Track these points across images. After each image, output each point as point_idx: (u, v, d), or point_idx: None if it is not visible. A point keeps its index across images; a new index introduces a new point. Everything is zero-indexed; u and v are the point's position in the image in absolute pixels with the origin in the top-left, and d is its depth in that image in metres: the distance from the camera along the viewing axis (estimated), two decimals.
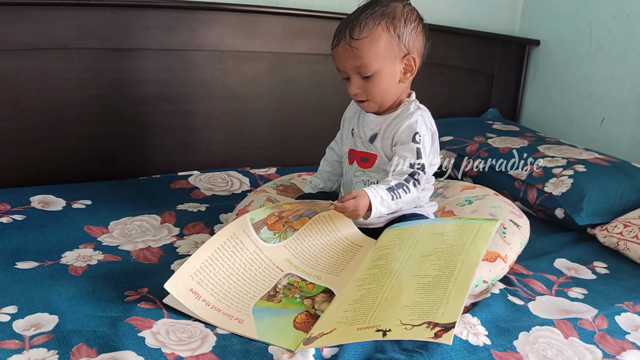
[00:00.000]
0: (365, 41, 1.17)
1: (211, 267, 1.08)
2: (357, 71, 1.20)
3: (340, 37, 1.19)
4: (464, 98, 2.33)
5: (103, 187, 1.65)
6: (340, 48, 1.19)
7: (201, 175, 1.79)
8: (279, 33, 1.89)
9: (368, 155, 1.28)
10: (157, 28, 1.71)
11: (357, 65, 1.19)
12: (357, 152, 1.30)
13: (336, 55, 1.21)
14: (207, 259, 1.08)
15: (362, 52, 1.18)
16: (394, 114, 1.26)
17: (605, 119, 2.12)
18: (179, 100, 1.80)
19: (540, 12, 2.35)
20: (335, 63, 1.24)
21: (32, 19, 1.55)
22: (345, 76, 1.24)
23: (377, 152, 1.26)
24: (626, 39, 2.03)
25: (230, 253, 1.11)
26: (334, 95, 2.01)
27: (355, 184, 1.30)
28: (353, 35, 1.17)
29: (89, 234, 1.35)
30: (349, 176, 1.32)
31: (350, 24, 1.18)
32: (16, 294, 1.07)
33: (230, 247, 1.12)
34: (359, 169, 1.29)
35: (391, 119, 1.26)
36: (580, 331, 1.08)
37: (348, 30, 1.18)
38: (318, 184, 1.45)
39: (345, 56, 1.19)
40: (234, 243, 1.12)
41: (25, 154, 1.64)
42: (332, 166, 1.44)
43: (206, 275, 1.07)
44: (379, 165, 1.27)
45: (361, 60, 1.18)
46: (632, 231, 1.44)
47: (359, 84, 1.21)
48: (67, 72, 1.63)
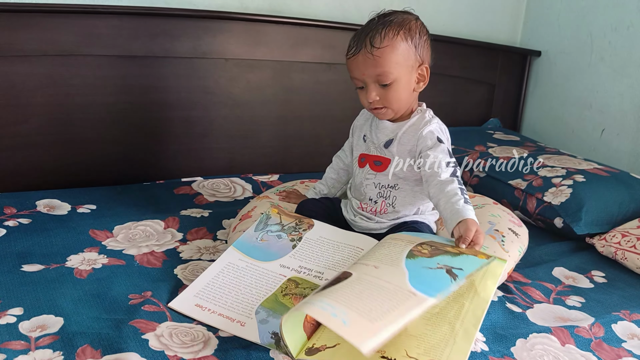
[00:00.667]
0: (386, 49, 1.20)
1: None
2: (377, 79, 1.23)
3: (360, 46, 1.22)
4: (466, 107, 2.35)
5: (108, 192, 1.67)
6: (360, 56, 1.22)
7: (204, 181, 1.81)
8: (282, 42, 1.91)
9: (382, 159, 1.31)
10: (163, 36, 1.74)
11: (377, 73, 1.21)
12: (370, 156, 1.33)
13: (355, 64, 1.24)
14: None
15: (383, 60, 1.20)
16: (410, 122, 1.29)
17: (605, 130, 2.14)
18: (183, 107, 1.82)
19: (541, 24, 2.38)
20: (351, 72, 1.25)
21: (39, 26, 1.58)
22: (359, 85, 1.26)
23: (390, 157, 1.30)
24: (626, 51, 2.05)
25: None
26: (336, 104, 2.03)
27: (366, 186, 1.32)
28: (374, 44, 1.20)
29: (93, 238, 1.37)
30: (359, 179, 1.35)
31: (370, 34, 1.21)
32: (22, 296, 1.09)
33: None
34: (371, 172, 1.32)
35: (408, 126, 1.29)
36: (577, 339, 1.09)
37: (369, 39, 1.20)
38: (322, 189, 1.48)
39: (366, 64, 1.21)
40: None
41: (32, 158, 1.67)
42: (337, 174, 1.47)
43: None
44: (390, 169, 1.30)
45: (382, 68, 1.21)
46: (630, 241, 1.46)
47: (377, 92, 1.24)
48: (73, 78, 1.66)
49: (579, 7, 2.21)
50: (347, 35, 1.97)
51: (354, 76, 1.25)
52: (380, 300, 0.90)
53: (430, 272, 0.99)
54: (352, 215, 1.36)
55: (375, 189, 1.31)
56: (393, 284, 0.94)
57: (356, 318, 0.85)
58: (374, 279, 0.97)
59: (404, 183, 1.30)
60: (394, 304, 0.89)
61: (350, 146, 1.44)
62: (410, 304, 0.89)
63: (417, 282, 0.95)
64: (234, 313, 1.06)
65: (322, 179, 1.50)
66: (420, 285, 0.94)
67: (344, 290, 0.93)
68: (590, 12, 2.17)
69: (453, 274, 0.99)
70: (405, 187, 1.30)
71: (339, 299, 0.90)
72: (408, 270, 0.99)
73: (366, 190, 1.33)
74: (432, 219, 1.36)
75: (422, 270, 1.00)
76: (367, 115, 1.38)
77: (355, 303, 0.89)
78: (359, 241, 1.23)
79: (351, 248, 1.20)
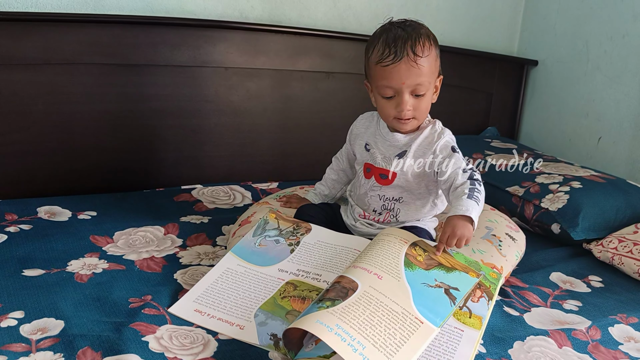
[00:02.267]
0: (427, 59, 1.20)
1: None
2: (414, 89, 1.21)
3: (401, 54, 1.18)
4: (463, 116, 2.37)
5: (108, 199, 1.68)
6: (403, 65, 1.18)
7: (204, 188, 1.82)
8: (282, 51, 1.93)
9: (387, 172, 1.30)
10: (164, 44, 1.76)
11: (418, 82, 1.20)
12: (376, 168, 1.32)
13: (395, 72, 1.19)
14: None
15: (425, 69, 1.20)
16: (424, 134, 1.28)
17: (602, 138, 2.16)
18: (183, 115, 1.84)
19: (538, 33, 2.40)
20: (386, 79, 1.21)
21: (41, 35, 1.60)
22: (390, 94, 1.22)
23: (398, 171, 1.28)
24: (622, 60, 2.07)
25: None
26: (335, 112, 2.05)
27: (370, 197, 1.33)
28: (417, 52, 1.18)
29: (94, 244, 1.38)
30: (364, 189, 1.34)
31: (409, 42, 1.19)
32: (23, 300, 1.10)
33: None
34: (376, 185, 1.32)
35: (422, 138, 1.28)
36: (574, 341, 1.10)
37: (410, 48, 1.18)
38: (323, 190, 1.49)
39: (409, 73, 1.19)
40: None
41: (33, 166, 1.68)
42: (337, 174, 1.48)
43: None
44: (396, 183, 1.30)
45: (422, 77, 1.20)
46: (627, 246, 1.47)
47: (411, 102, 1.22)
48: (75, 86, 1.68)
49: (574, 17, 2.24)
50: (346, 45, 2.02)
51: (389, 84, 1.21)
52: (392, 328, 0.94)
53: (431, 291, 1.04)
54: (352, 220, 1.37)
55: (380, 201, 1.32)
56: (400, 306, 0.99)
57: (375, 354, 0.89)
58: (380, 295, 1.00)
59: (409, 196, 1.30)
60: (405, 333, 0.94)
61: (347, 153, 1.45)
62: (419, 335, 0.95)
63: (420, 304, 1.00)
64: (233, 317, 1.07)
65: (322, 180, 1.50)
66: (425, 310, 0.99)
67: (354, 311, 0.95)
68: (586, 22, 2.19)
69: (451, 295, 1.04)
70: (409, 200, 1.31)
71: (351, 323, 0.93)
72: (410, 287, 1.03)
73: (370, 202, 1.33)
74: (432, 225, 1.37)
75: (422, 289, 1.04)
76: (368, 123, 1.38)
77: (369, 331, 0.92)
78: (355, 243, 1.24)
79: (348, 250, 1.21)
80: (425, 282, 1.05)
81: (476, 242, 1.33)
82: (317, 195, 1.49)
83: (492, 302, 1.05)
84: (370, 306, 0.97)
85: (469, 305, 1.04)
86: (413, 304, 1.00)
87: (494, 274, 1.12)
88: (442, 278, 1.07)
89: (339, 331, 0.90)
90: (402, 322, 0.96)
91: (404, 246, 1.13)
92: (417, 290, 1.03)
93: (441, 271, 1.08)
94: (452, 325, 0.99)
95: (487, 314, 1.02)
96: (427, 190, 1.31)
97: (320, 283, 1.12)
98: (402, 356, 0.91)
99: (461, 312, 1.02)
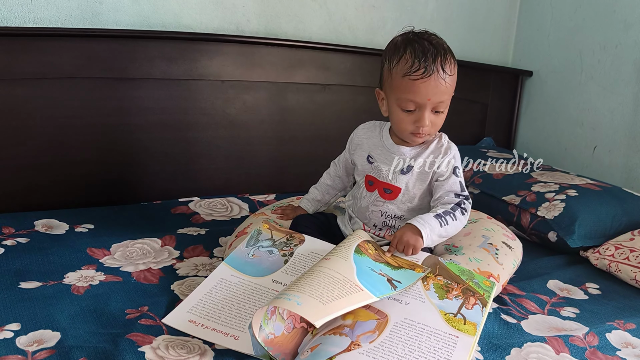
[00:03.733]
0: (453, 78, 1.20)
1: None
2: (437, 105, 1.20)
3: (432, 69, 1.17)
4: (459, 127, 2.38)
5: (105, 212, 1.68)
6: (432, 81, 1.17)
7: (201, 201, 1.82)
8: (278, 63, 1.95)
9: (392, 187, 1.29)
10: (160, 58, 1.77)
11: (442, 99, 1.20)
12: (380, 182, 1.30)
13: (424, 87, 1.17)
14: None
15: (450, 87, 1.20)
16: (430, 149, 1.28)
17: (597, 147, 2.17)
18: (180, 128, 1.85)
19: (532, 44, 2.42)
20: (412, 93, 1.19)
21: (39, 50, 1.61)
22: (411, 108, 1.21)
23: (402, 186, 1.28)
24: (615, 69, 2.09)
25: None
26: (331, 124, 2.06)
27: (372, 212, 1.32)
28: (446, 70, 1.18)
29: (91, 256, 1.38)
30: (366, 203, 1.32)
31: (440, 59, 1.17)
32: (19, 312, 1.09)
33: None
34: (380, 199, 1.31)
35: (428, 152, 1.28)
36: (572, 347, 1.10)
37: (440, 65, 1.17)
38: (316, 195, 1.49)
39: (437, 90, 1.18)
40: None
41: (30, 180, 1.68)
42: (333, 180, 1.48)
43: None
44: (400, 198, 1.29)
45: (446, 95, 1.20)
46: (624, 253, 1.47)
47: (431, 118, 1.22)
48: (72, 100, 1.69)
49: (568, 28, 2.26)
50: (341, 57, 2.04)
51: (414, 99, 1.19)
52: (331, 287, 1.01)
53: (374, 275, 1.10)
54: (350, 231, 1.36)
55: (381, 217, 1.31)
56: (342, 275, 1.05)
57: (308, 299, 0.96)
58: (325, 269, 1.06)
59: (410, 214, 1.29)
60: (342, 292, 1.00)
61: (345, 161, 1.44)
62: (357, 297, 1.01)
63: (363, 279, 1.06)
64: (227, 327, 1.06)
65: (317, 184, 1.50)
66: (366, 283, 1.05)
67: (299, 281, 1.03)
68: (579, 32, 2.21)
69: (393, 284, 1.09)
70: (411, 218, 1.29)
71: (293, 288, 1.00)
72: (356, 265, 1.09)
73: (371, 216, 1.32)
74: None
75: (367, 270, 1.10)
76: (370, 133, 1.35)
77: (307, 289, 0.99)
78: None
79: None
80: (370, 267, 1.11)
81: (472, 251, 1.33)
82: (309, 202, 1.49)
83: (486, 309, 1.05)
84: (313, 275, 1.03)
85: (463, 312, 1.04)
86: (356, 276, 1.06)
87: (488, 282, 1.12)
88: (387, 272, 1.12)
89: (281, 295, 0.98)
90: (342, 285, 1.02)
91: (358, 240, 1.18)
92: (362, 270, 1.08)
93: (387, 267, 1.14)
94: (447, 332, 0.99)
95: (482, 321, 1.02)
96: (430, 207, 1.30)
97: None
98: (338, 305, 0.96)
99: (455, 318, 1.02)
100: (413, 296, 1.07)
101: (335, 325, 1.00)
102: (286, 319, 1.03)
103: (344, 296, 0.99)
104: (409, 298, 1.06)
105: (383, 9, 2.16)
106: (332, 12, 2.08)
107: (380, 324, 1.00)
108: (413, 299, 1.06)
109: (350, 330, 0.98)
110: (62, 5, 1.68)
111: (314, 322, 0.92)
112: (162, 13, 1.81)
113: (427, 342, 0.97)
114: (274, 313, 1.00)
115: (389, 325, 0.99)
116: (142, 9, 1.78)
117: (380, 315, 1.01)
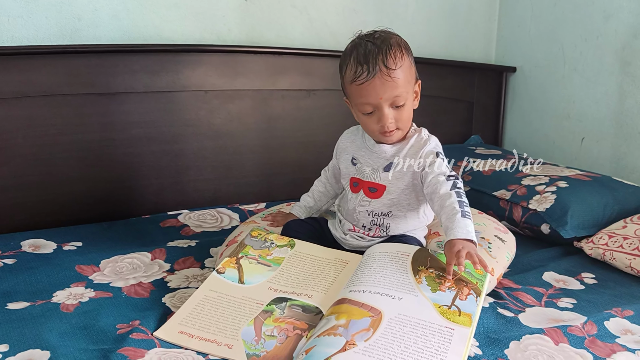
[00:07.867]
0: (401, 70, 1.19)
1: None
2: (393, 101, 1.20)
3: (374, 69, 1.17)
4: (446, 126, 2.38)
5: (93, 229, 1.66)
6: (377, 80, 1.17)
7: (191, 213, 1.80)
8: (261, 71, 1.94)
9: (376, 185, 1.28)
10: (142, 71, 1.76)
11: (395, 94, 1.19)
12: (364, 182, 1.30)
13: (371, 88, 1.18)
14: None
15: (400, 80, 1.19)
16: (410, 143, 1.27)
17: (585, 138, 2.17)
18: (166, 140, 1.83)
19: (514, 40, 2.43)
20: (364, 97, 1.20)
21: (17, 68, 1.59)
22: (369, 110, 1.22)
23: (387, 184, 1.27)
24: (597, 60, 2.09)
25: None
26: (318, 129, 2.05)
27: (359, 213, 1.31)
28: (389, 65, 1.17)
29: (80, 273, 1.35)
30: (352, 204, 1.32)
31: (380, 57, 1.17)
32: (7, 333, 1.07)
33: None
34: (365, 199, 1.30)
35: (408, 148, 1.27)
36: (570, 337, 1.09)
37: (382, 62, 1.17)
38: (308, 202, 1.47)
39: (385, 87, 1.18)
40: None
41: (15, 200, 1.66)
42: (325, 187, 1.47)
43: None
44: (386, 195, 1.28)
45: (399, 89, 1.19)
46: (617, 241, 1.47)
47: (392, 114, 1.21)
48: (55, 118, 1.67)
49: (548, 22, 2.27)
50: (324, 62, 2.03)
51: (367, 101, 1.20)
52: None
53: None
54: (342, 234, 1.35)
55: (369, 216, 1.30)
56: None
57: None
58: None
59: (397, 210, 1.29)
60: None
61: (333, 167, 1.44)
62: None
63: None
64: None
65: (309, 192, 1.49)
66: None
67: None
68: (560, 26, 2.22)
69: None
70: (399, 213, 1.29)
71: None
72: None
73: (359, 217, 1.31)
74: (422, 234, 1.36)
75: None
76: (353, 137, 1.36)
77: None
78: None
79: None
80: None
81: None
82: (302, 208, 1.47)
83: (480, 299, 1.03)
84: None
85: (457, 304, 1.02)
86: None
87: (480, 270, 1.10)
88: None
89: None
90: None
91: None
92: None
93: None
94: (442, 324, 0.98)
95: (477, 311, 1.01)
96: (417, 200, 1.30)
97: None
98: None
99: (450, 311, 1.01)
100: (406, 291, 1.05)
101: (329, 325, 0.98)
102: (277, 334, 1.02)
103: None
104: (401, 293, 1.04)
105: (364, 12, 2.16)
106: (313, 18, 2.07)
107: (375, 321, 0.98)
108: (406, 294, 1.04)
109: (345, 330, 0.96)
110: (40, 24, 1.66)
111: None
112: (142, 27, 1.80)
113: (422, 337, 0.95)
114: (260, 337, 1.01)
115: (383, 322, 0.98)
116: (122, 23, 1.77)
117: (373, 312, 1.00)
